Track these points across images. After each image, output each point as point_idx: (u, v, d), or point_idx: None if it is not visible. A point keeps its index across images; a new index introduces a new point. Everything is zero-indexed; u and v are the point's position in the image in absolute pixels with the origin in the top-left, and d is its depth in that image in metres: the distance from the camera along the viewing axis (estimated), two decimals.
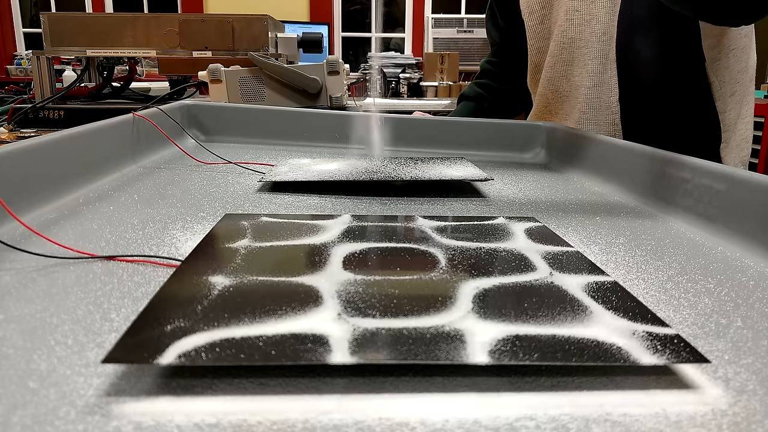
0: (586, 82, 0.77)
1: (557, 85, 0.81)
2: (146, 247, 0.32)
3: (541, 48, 0.83)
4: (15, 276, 0.27)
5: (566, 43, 0.77)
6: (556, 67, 0.80)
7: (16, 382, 0.18)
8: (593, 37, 0.75)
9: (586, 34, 0.75)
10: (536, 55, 0.85)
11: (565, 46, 0.78)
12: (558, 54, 0.79)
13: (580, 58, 0.77)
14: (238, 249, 0.28)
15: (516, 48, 0.95)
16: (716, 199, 0.39)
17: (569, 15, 0.76)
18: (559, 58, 0.79)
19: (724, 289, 0.28)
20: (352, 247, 0.29)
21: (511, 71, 0.99)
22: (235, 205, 0.42)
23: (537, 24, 0.83)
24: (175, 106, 0.68)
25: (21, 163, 0.37)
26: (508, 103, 1.01)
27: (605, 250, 0.34)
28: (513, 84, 0.99)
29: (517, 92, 0.98)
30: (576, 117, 0.78)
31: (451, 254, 0.28)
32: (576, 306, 0.22)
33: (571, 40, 0.77)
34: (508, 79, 1.00)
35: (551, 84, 0.82)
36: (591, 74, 0.76)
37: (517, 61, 0.97)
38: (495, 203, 0.46)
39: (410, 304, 0.22)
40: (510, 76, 0.99)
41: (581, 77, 0.78)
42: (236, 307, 0.21)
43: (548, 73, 0.82)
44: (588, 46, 0.76)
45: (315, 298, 0.22)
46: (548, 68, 0.82)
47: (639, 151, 0.50)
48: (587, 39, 0.76)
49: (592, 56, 0.75)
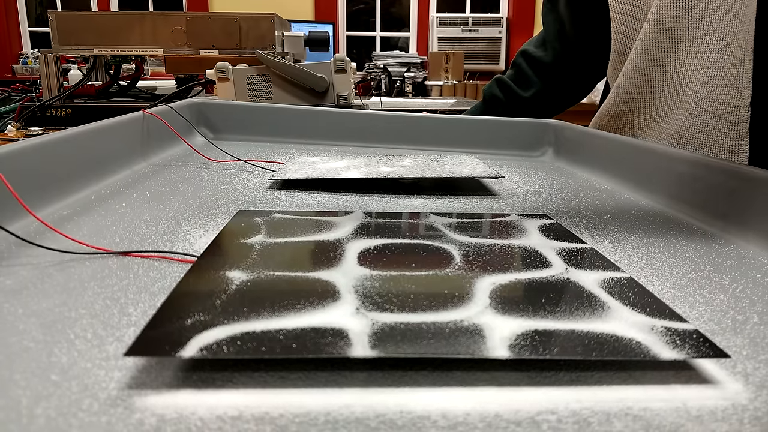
0: (699, 76, 0.59)
1: (648, 77, 0.64)
2: (160, 243, 0.32)
3: (629, 31, 0.67)
4: (32, 271, 0.27)
5: (668, 24, 0.61)
6: (648, 55, 0.63)
7: (38, 375, 0.18)
8: (712, 15, 0.57)
9: (700, 12, 0.58)
10: (622, 40, 0.68)
11: (665, 28, 0.61)
12: (653, 38, 0.62)
13: (690, 44, 0.60)
14: (254, 245, 0.28)
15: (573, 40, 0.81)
16: (728, 195, 0.39)
17: None
18: (653, 43, 0.62)
19: (739, 285, 0.28)
20: (366, 243, 0.29)
21: (549, 70, 0.86)
22: (247, 202, 0.42)
23: (627, 0, 0.66)
24: (184, 104, 0.68)
25: (33, 160, 0.37)
26: (525, 112, 0.86)
27: (618, 247, 0.34)
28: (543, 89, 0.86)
29: (541, 100, 0.86)
30: (679, 121, 0.61)
31: (466, 250, 0.28)
32: (593, 301, 0.22)
33: (675, 19, 0.60)
34: (539, 80, 0.87)
35: (638, 75, 0.65)
36: (707, 66, 0.58)
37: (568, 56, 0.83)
38: (506, 201, 0.46)
39: (428, 299, 0.22)
40: (544, 76, 0.86)
41: (690, 69, 0.60)
42: (255, 301, 0.21)
43: (636, 61, 0.65)
44: (703, 28, 0.58)
45: (332, 292, 0.22)
46: (636, 56, 0.65)
47: (645, 148, 0.50)
48: (701, 18, 0.58)
49: (710, 42, 0.57)
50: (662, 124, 0.64)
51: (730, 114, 0.55)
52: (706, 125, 0.57)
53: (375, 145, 0.73)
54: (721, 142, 0.56)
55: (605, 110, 0.71)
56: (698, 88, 0.58)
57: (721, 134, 0.56)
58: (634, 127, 0.67)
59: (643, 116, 0.66)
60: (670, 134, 0.61)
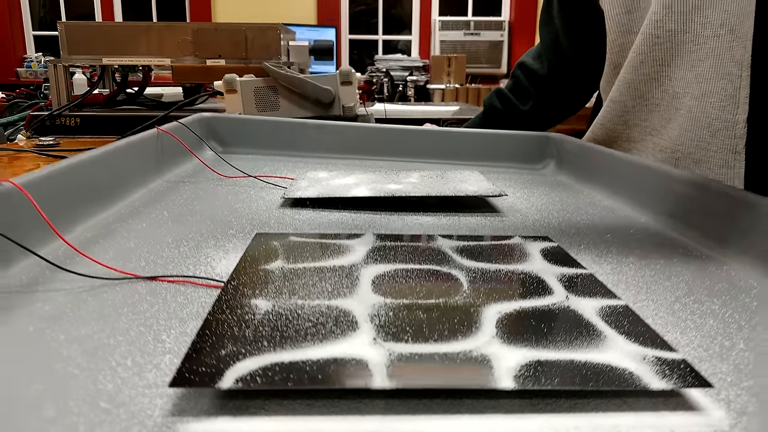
0: (694, 90, 0.58)
1: (643, 90, 0.64)
2: (183, 266, 0.34)
3: (624, 44, 0.67)
4: (67, 296, 0.29)
5: (663, 38, 0.60)
6: (643, 68, 0.63)
7: (89, 402, 0.20)
8: (708, 30, 0.56)
9: (696, 26, 0.57)
10: (618, 53, 0.68)
11: (660, 41, 0.60)
12: (648, 51, 0.62)
13: (685, 58, 0.59)
14: (274, 271, 0.30)
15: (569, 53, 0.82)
16: (722, 217, 0.41)
17: (668, 0, 0.59)
18: (648, 56, 0.62)
19: (728, 310, 0.30)
20: (379, 269, 0.31)
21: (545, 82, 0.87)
22: (261, 222, 0.44)
23: (623, 13, 0.66)
24: (194, 119, 0.70)
25: (59, 184, 0.39)
26: (524, 123, 0.88)
27: (616, 269, 0.36)
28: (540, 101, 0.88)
29: (539, 112, 0.88)
30: (672, 135, 0.61)
31: (473, 277, 0.30)
32: (591, 330, 0.24)
33: (670, 33, 0.59)
34: (536, 92, 0.88)
35: (633, 89, 0.65)
36: (701, 80, 0.57)
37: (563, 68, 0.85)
38: (509, 218, 0.48)
39: (439, 328, 0.24)
40: (541, 89, 0.88)
41: (685, 83, 0.59)
42: (281, 331, 0.23)
43: (630, 74, 0.65)
44: (698, 42, 0.57)
45: (351, 322, 0.24)
46: (630, 69, 0.65)
47: (643, 165, 0.52)
48: (696, 32, 0.57)
49: (705, 56, 0.56)
50: (657, 137, 0.64)
51: (726, 129, 0.55)
52: (701, 140, 0.57)
53: (380, 158, 0.74)
54: (716, 157, 0.56)
55: (599, 123, 0.72)
56: (693, 103, 0.58)
57: (717, 149, 0.56)
58: (629, 140, 0.69)
59: (637, 129, 0.67)
60: (665, 148, 0.62)
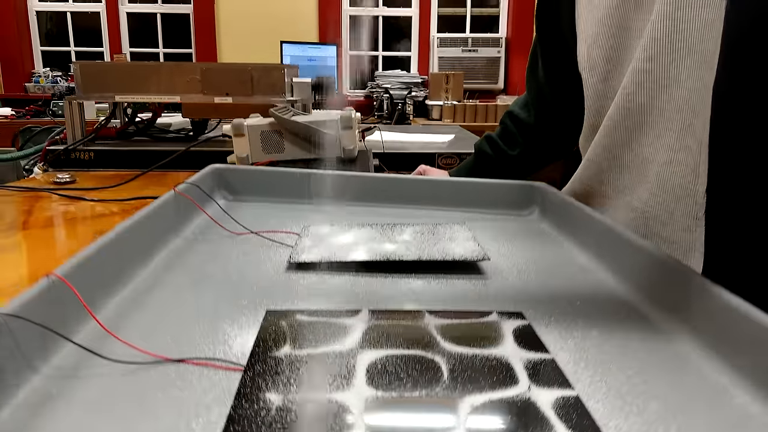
0: (661, 157, 0.61)
1: (616, 153, 0.68)
2: (204, 345, 0.39)
3: (601, 109, 0.71)
4: (109, 381, 0.34)
5: (633, 110, 0.64)
6: (616, 134, 0.67)
7: None
8: (672, 105, 0.60)
9: (661, 102, 0.61)
10: (594, 116, 0.72)
11: (630, 113, 0.64)
12: (620, 120, 0.65)
13: (653, 127, 0.62)
14: (283, 359, 0.36)
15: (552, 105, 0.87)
16: (679, 294, 0.46)
17: (638, 77, 0.62)
18: (621, 125, 0.66)
19: (673, 392, 0.35)
20: (372, 355, 0.36)
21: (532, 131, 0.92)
22: (270, 290, 0.49)
23: (599, 81, 0.70)
24: (207, 172, 0.76)
25: (94, 265, 0.44)
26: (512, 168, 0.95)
27: (579, 345, 0.41)
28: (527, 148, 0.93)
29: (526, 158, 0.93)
30: (643, 197, 0.64)
31: (452, 364, 0.36)
32: (544, 425, 0.30)
33: (639, 106, 0.63)
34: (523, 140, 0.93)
35: (608, 151, 0.69)
36: (667, 149, 0.60)
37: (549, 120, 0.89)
38: (491, 282, 0.53)
39: (422, 425, 0.29)
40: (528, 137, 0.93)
41: (653, 150, 0.62)
42: (291, 428, 0.29)
43: (605, 139, 0.69)
44: (663, 116, 0.61)
45: (348, 424, 0.30)
46: (605, 134, 0.68)
47: (615, 231, 0.57)
48: (662, 108, 0.61)
49: (670, 128, 0.60)
50: (629, 197, 0.67)
51: (688, 197, 0.58)
52: (667, 204, 0.61)
53: (377, 205, 0.80)
54: (680, 221, 0.59)
55: (578, 178, 0.77)
56: (660, 169, 0.61)
57: (681, 214, 0.59)
58: (604, 197, 0.74)
59: (612, 188, 0.71)
60: (636, 208, 0.67)
